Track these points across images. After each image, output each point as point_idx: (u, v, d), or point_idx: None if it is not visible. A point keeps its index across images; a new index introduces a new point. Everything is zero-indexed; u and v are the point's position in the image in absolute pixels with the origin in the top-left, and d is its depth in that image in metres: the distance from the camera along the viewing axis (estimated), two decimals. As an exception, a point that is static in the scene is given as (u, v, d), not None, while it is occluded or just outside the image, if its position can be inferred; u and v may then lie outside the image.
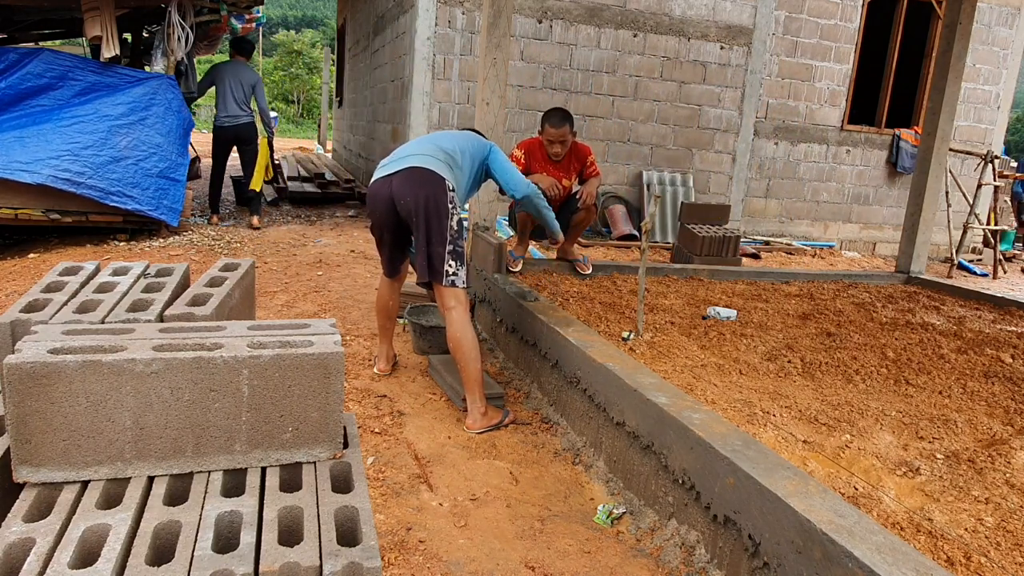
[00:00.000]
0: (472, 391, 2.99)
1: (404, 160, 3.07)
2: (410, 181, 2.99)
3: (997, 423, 2.75)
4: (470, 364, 2.95)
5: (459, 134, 3.36)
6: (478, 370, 2.97)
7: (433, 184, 2.97)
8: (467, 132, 3.46)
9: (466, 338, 2.97)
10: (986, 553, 1.84)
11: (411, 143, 3.26)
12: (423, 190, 2.96)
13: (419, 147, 3.15)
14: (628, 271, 4.88)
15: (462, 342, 2.96)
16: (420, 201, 2.95)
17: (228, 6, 7.14)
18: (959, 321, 4.28)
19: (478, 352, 2.98)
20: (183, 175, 6.18)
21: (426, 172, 2.99)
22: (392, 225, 3.14)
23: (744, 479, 1.88)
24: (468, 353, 2.95)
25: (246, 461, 1.26)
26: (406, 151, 3.15)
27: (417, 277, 3.11)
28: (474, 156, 3.28)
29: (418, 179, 2.98)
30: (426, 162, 3.02)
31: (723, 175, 8.51)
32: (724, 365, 3.17)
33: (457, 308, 3.01)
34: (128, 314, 1.51)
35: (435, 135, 3.31)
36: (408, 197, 2.97)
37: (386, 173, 3.08)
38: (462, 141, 3.26)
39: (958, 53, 5.27)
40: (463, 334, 2.97)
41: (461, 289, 3.03)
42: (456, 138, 3.27)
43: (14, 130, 5.54)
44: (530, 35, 7.48)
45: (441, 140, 3.21)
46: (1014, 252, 10.19)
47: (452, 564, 2.06)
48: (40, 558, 0.99)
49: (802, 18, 8.36)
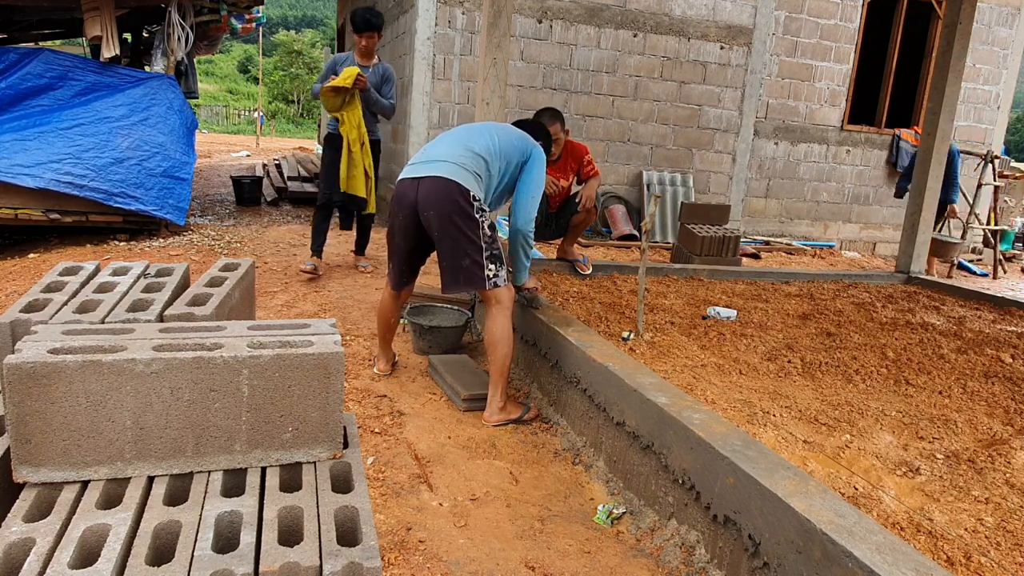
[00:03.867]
0: (496, 384, 3.03)
1: (432, 165, 2.97)
2: (434, 194, 2.91)
3: (997, 423, 2.75)
4: (500, 360, 3.01)
5: (502, 129, 3.20)
6: (507, 366, 3.03)
7: (455, 199, 2.89)
8: (515, 128, 3.28)
9: (503, 334, 3.00)
10: (986, 553, 1.84)
11: (444, 139, 3.14)
12: (446, 207, 2.89)
13: (450, 149, 3.02)
14: (628, 271, 4.87)
15: (498, 345, 3.01)
16: (445, 219, 2.90)
17: (228, 6, 7.14)
18: (959, 321, 4.28)
19: (511, 349, 3.04)
20: (189, 174, 6.17)
21: (451, 185, 2.89)
22: (412, 232, 3.08)
23: (744, 479, 1.88)
24: (501, 348, 3.00)
25: (246, 461, 1.26)
26: (436, 151, 3.05)
27: (443, 287, 3.06)
28: (511, 157, 3.12)
29: (443, 195, 2.89)
30: (451, 171, 2.92)
31: (723, 175, 8.51)
32: (724, 365, 3.17)
33: (499, 307, 3.01)
34: (128, 314, 1.51)
35: (471, 130, 3.17)
36: (431, 211, 2.92)
37: (414, 175, 3.00)
38: (502, 139, 3.12)
39: (958, 53, 5.27)
40: (499, 330, 3.00)
41: (504, 288, 3.01)
42: (494, 136, 3.11)
43: (14, 132, 5.54)
44: (530, 35, 7.48)
45: (475, 139, 3.07)
46: (1014, 252, 10.19)
47: (452, 564, 2.06)
48: (40, 558, 0.99)
49: (802, 18, 8.36)
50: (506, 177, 3.15)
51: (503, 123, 3.47)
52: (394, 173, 8.16)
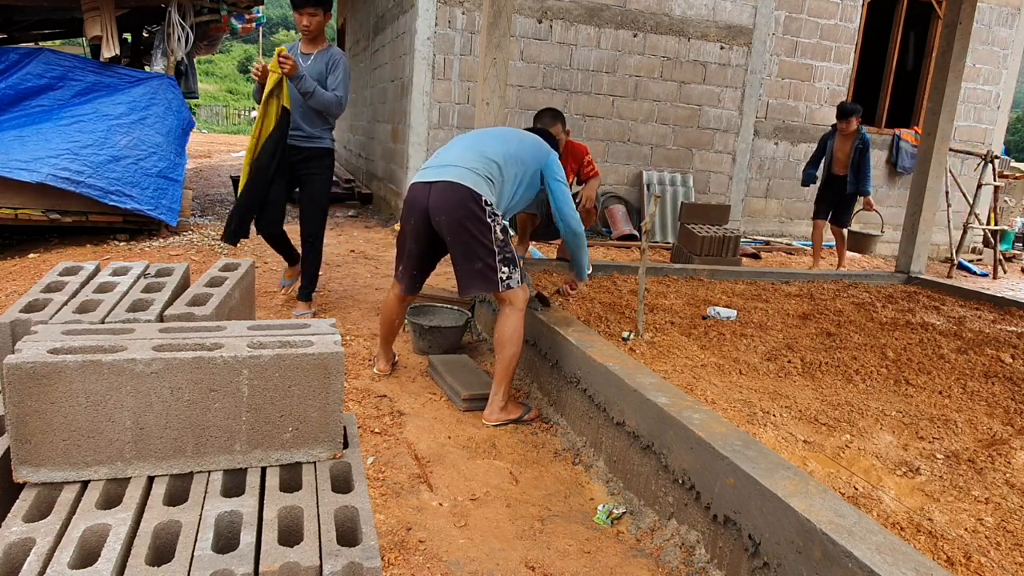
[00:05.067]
0: (500, 383, 3.03)
1: (444, 170, 2.99)
2: (445, 199, 2.92)
3: (997, 423, 2.75)
4: (507, 360, 3.00)
5: (515, 136, 3.23)
6: (513, 367, 3.02)
7: (467, 204, 2.90)
8: (529, 135, 3.31)
9: (513, 335, 3.00)
10: (986, 553, 1.84)
11: (458, 144, 3.16)
12: (458, 212, 2.90)
13: (463, 155, 3.04)
14: (628, 271, 4.87)
15: (507, 344, 3.00)
16: (456, 224, 2.91)
17: (228, 6, 7.14)
18: (959, 321, 4.28)
19: (519, 349, 3.03)
20: (181, 175, 6.17)
21: (463, 190, 2.90)
22: (424, 236, 3.09)
23: (744, 479, 1.88)
24: (509, 349, 3.00)
25: (246, 461, 1.26)
26: (449, 156, 3.06)
27: (459, 290, 3.07)
28: (528, 163, 3.14)
29: (455, 200, 2.91)
30: (463, 176, 2.93)
31: (723, 175, 8.51)
32: (724, 365, 3.17)
33: (512, 307, 3.01)
34: (128, 314, 1.51)
35: (485, 135, 3.19)
36: (443, 216, 2.93)
37: (426, 179, 3.02)
38: (516, 146, 3.14)
39: (958, 53, 5.27)
40: (510, 330, 3.00)
41: (519, 289, 3.01)
42: (509, 142, 3.14)
43: (14, 130, 5.54)
44: (530, 35, 7.48)
45: (490, 145, 3.09)
46: (1014, 252, 10.19)
47: (452, 564, 2.06)
48: (40, 558, 0.99)
49: (802, 18, 8.36)
50: (523, 183, 3.16)
51: (516, 128, 3.49)
52: (394, 173, 8.16)
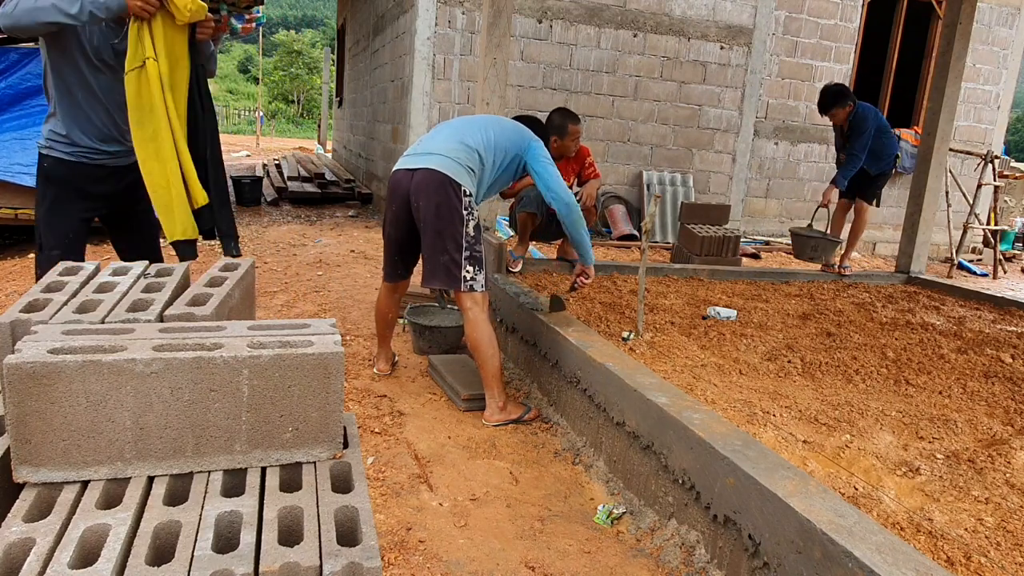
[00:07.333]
0: (490, 387, 3.02)
1: (426, 157, 3.00)
2: (425, 185, 2.94)
3: (997, 423, 2.75)
4: (488, 362, 2.99)
5: (497, 123, 3.21)
6: (496, 367, 3.01)
7: (446, 191, 2.92)
8: (511, 122, 3.29)
9: (484, 339, 2.99)
10: (986, 553, 1.84)
11: (440, 131, 3.15)
12: (435, 197, 2.92)
13: (444, 142, 3.04)
14: (628, 271, 4.88)
15: (480, 343, 2.99)
16: (431, 208, 2.93)
17: (228, 6, 7.14)
18: (959, 321, 4.28)
19: (496, 350, 3.02)
20: None
21: (443, 177, 2.92)
22: (404, 222, 3.10)
23: (744, 479, 1.88)
24: (486, 351, 2.99)
25: (246, 461, 1.26)
26: (432, 144, 3.07)
27: (423, 280, 3.08)
28: (508, 150, 3.13)
29: (434, 185, 2.92)
30: (444, 164, 2.95)
31: (723, 175, 8.51)
32: (724, 365, 3.17)
33: (474, 309, 3.01)
34: (128, 314, 1.51)
35: (467, 123, 3.18)
36: (421, 202, 2.95)
37: (408, 166, 3.04)
38: (497, 133, 3.13)
39: (958, 53, 5.27)
40: (480, 335, 2.99)
41: (479, 293, 3.02)
42: (490, 129, 3.13)
43: (15, 131, 5.54)
44: (530, 35, 7.48)
45: (470, 133, 3.08)
46: (1014, 252, 10.20)
47: (452, 564, 2.06)
48: (40, 558, 0.99)
49: (802, 18, 8.36)
50: (501, 170, 3.15)
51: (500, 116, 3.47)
52: (394, 173, 8.16)
